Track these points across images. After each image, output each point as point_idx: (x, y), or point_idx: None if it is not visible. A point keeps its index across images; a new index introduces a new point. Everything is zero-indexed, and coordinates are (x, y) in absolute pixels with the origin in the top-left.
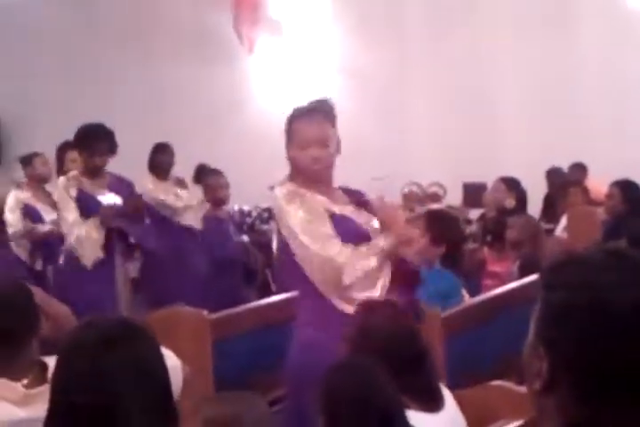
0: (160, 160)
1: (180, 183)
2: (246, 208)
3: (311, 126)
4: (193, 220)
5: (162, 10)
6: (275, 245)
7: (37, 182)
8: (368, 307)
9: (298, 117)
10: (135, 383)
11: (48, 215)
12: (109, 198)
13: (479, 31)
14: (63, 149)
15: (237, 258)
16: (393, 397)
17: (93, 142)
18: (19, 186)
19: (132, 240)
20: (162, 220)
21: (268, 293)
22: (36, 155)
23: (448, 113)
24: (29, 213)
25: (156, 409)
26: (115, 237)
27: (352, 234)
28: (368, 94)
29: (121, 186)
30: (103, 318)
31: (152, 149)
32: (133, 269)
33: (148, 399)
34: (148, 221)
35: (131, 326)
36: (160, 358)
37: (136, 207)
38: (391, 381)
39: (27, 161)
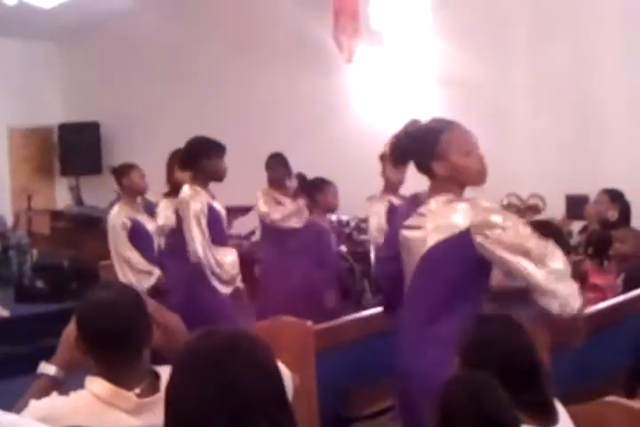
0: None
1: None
2: (344, 218)
3: (467, 131)
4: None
5: (262, 19)
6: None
7: (135, 195)
8: (482, 320)
9: (448, 128)
10: (259, 388)
11: (149, 226)
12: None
13: (583, 38)
14: (175, 157)
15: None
16: (509, 412)
17: (218, 146)
18: (118, 200)
19: None
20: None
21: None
22: (132, 167)
23: (550, 123)
24: (136, 228)
25: (280, 411)
26: None
27: None
28: (468, 104)
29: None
30: (220, 328)
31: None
32: None
33: (272, 402)
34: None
35: (248, 335)
36: (276, 365)
37: None
38: (506, 395)
39: (122, 172)
